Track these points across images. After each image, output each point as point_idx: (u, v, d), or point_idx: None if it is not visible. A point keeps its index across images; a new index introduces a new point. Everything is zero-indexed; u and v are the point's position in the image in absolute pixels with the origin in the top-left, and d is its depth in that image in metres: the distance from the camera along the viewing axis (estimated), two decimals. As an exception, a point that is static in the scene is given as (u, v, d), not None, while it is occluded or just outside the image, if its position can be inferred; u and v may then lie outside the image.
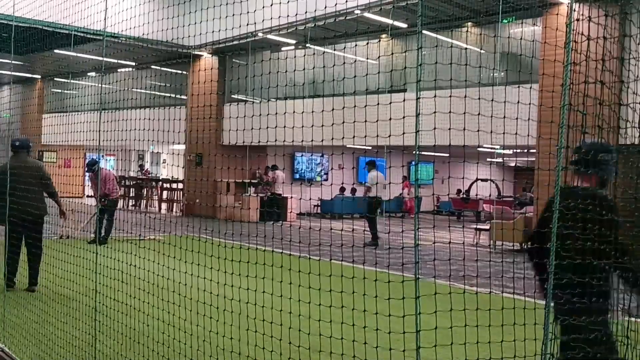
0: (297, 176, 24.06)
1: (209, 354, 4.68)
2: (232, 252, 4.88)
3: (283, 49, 18.91)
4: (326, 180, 24.39)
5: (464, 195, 23.94)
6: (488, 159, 25.15)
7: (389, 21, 15.26)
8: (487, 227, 14.92)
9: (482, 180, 23.69)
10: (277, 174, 20.28)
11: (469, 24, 15.76)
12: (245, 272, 4.72)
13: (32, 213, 7.26)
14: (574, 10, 2.95)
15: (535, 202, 12.62)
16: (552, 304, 2.92)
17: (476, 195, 24.04)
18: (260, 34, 17.09)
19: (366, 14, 15.14)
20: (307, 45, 17.61)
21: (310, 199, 9.39)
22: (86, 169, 12.88)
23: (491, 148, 16.64)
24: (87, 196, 13.67)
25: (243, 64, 20.12)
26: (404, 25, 16.03)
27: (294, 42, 18.52)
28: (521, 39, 13.85)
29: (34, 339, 5.48)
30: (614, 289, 3.60)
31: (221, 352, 4.77)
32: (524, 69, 11.25)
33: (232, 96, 20.13)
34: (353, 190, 23.83)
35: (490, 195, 23.76)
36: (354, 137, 4.17)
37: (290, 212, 20.09)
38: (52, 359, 4.95)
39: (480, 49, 14.87)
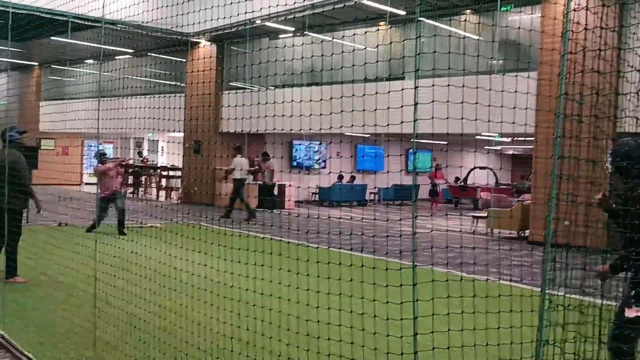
0: (295, 164, 24.07)
1: (209, 340, 4.72)
2: (232, 240, 4.91)
3: (281, 36, 18.84)
4: (324, 168, 24.39)
5: (462, 183, 23.98)
6: (486, 147, 25.14)
7: (388, 8, 15.20)
8: (485, 215, 14.95)
9: (480, 168, 23.70)
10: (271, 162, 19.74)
11: (468, 11, 15.71)
12: (245, 260, 4.75)
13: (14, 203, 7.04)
14: (571, 0, 2.96)
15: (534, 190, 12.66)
16: (547, 291, 2.95)
17: (473, 183, 24.08)
18: (258, 22, 17.02)
19: (364, 1, 15.07)
20: (306, 32, 17.55)
21: (308, 187, 9.41)
22: (95, 158, 12.84)
23: (489, 136, 16.60)
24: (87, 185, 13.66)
25: (241, 51, 20.05)
26: (403, 13, 15.97)
27: (292, 29, 18.45)
28: (519, 27, 13.81)
29: (34, 326, 5.52)
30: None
31: (221, 338, 4.82)
32: (523, 58, 11.23)
33: (231, 84, 20.08)
34: (352, 178, 23.82)
35: (487, 184, 23.78)
36: (352, 125, 4.19)
37: (289, 200, 20.09)
38: (52, 345, 4.98)
39: (479, 37, 14.83)
